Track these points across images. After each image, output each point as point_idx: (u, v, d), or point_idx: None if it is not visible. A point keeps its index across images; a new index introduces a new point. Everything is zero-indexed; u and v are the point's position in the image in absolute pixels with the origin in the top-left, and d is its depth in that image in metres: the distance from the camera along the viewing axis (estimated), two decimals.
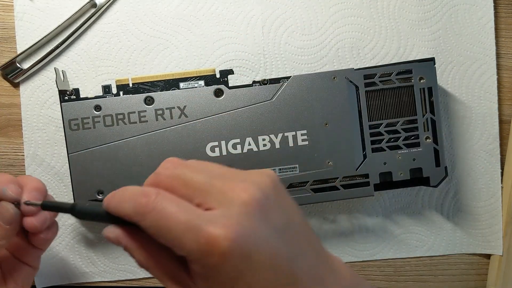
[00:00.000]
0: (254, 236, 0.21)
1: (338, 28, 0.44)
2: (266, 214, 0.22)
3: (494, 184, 0.45)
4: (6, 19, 0.43)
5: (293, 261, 0.22)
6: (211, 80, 0.40)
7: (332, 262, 0.25)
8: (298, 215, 0.25)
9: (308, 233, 0.25)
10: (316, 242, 0.25)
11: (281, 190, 0.24)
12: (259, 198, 0.22)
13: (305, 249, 0.24)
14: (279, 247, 0.22)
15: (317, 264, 0.24)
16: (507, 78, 0.45)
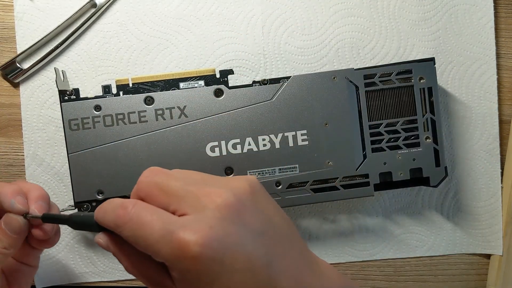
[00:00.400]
0: (227, 240, 0.22)
1: (338, 28, 0.44)
2: (241, 218, 0.23)
3: (494, 184, 0.45)
4: (6, 19, 0.43)
5: (272, 264, 0.23)
6: (211, 80, 0.40)
7: (317, 264, 0.25)
8: (280, 218, 0.25)
9: (291, 236, 0.25)
10: (300, 245, 0.25)
11: (260, 194, 0.25)
12: (233, 203, 0.23)
13: (287, 252, 0.24)
14: (256, 250, 0.22)
15: (299, 267, 0.24)
16: (507, 78, 0.45)
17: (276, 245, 0.23)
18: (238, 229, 0.22)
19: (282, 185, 0.39)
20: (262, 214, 0.24)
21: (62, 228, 0.43)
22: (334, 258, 0.45)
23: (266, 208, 0.25)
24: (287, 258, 0.23)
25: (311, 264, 0.25)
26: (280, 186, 0.39)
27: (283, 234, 0.24)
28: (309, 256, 0.25)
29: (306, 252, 0.25)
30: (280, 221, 0.25)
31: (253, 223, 0.23)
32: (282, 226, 0.25)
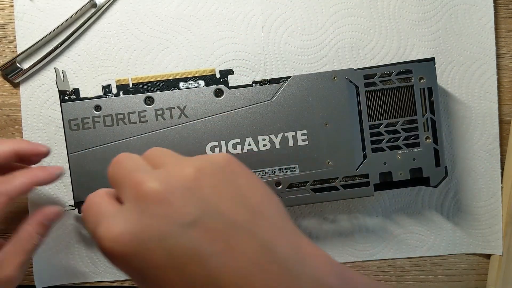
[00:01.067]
0: (143, 234, 0.20)
1: (338, 28, 0.44)
2: (166, 209, 0.20)
3: (494, 184, 0.45)
4: (6, 19, 0.43)
5: (210, 259, 0.20)
6: (211, 80, 0.40)
7: (297, 254, 0.22)
8: (230, 204, 0.21)
9: (254, 224, 0.21)
10: (267, 233, 0.22)
11: (206, 179, 0.22)
12: (159, 192, 0.21)
13: (240, 243, 0.21)
14: (182, 244, 0.20)
15: (257, 259, 0.21)
16: (507, 78, 0.45)
17: (219, 235, 0.20)
18: (159, 221, 0.20)
19: (282, 185, 0.39)
20: (200, 202, 0.21)
21: (62, 228, 0.43)
22: (334, 258, 0.44)
23: (214, 193, 0.21)
24: (237, 250, 0.20)
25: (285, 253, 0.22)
26: (280, 186, 0.39)
27: (232, 223, 0.21)
28: (280, 242, 0.22)
29: (274, 239, 0.22)
30: (227, 208, 0.21)
31: (184, 213, 0.20)
32: (231, 212, 0.21)
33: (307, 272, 0.21)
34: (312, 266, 0.21)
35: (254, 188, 0.23)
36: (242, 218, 0.21)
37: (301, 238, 0.23)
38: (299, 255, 0.21)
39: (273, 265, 0.20)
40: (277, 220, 0.22)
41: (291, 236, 0.22)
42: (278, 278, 0.20)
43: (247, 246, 0.21)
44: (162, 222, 0.20)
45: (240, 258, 0.20)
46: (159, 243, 0.20)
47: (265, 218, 0.22)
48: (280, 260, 0.21)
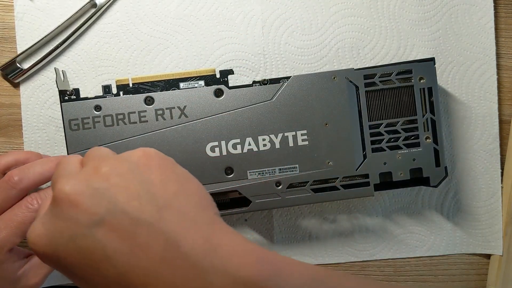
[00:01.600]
0: (56, 236, 0.21)
1: (338, 28, 0.44)
2: (72, 210, 0.21)
3: (494, 184, 0.45)
4: (6, 19, 0.43)
5: (115, 257, 0.21)
6: (211, 80, 0.40)
7: (212, 243, 0.22)
8: (136, 202, 0.22)
9: (160, 220, 0.21)
10: (175, 231, 0.21)
11: (116, 178, 0.22)
12: (66, 194, 0.21)
13: (142, 241, 0.21)
14: (90, 243, 0.21)
15: (160, 260, 0.21)
16: (507, 78, 0.45)
17: (125, 234, 0.21)
18: (69, 223, 0.21)
19: (282, 185, 0.39)
20: (107, 201, 0.21)
21: None
22: (334, 258, 0.45)
23: (138, 189, 0.22)
24: (143, 248, 0.21)
25: (193, 255, 0.21)
26: (280, 186, 0.39)
27: (146, 218, 0.21)
28: (190, 243, 0.22)
29: (182, 238, 0.21)
30: (134, 208, 0.21)
31: (90, 213, 0.21)
32: (137, 211, 0.21)
33: (217, 265, 0.21)
34: (224, 257, 0.21)
35: (168, 183, 0.23)
36: (148, 215, 0.21)
37: (216, 230, 0.22)
38: (210, 247, 0.21)
39: (179, 260, 0.21)
40: (191, 213, 0.22)
41: (204, 228, 0.22)
42: (184, 273, 0.20)
43: (153, 243, 0.21)
44: (72, 223, 0.21)
45: (146, 255, 0.21)
46: (71, 244, 0.21)
47: (173, 212, 0.22)
48: (186, 255, 0.21)
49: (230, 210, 0.39)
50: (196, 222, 0.22)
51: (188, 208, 0.22)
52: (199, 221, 0.22)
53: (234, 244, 0.22)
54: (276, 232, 0.44)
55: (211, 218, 0.23)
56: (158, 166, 0.23)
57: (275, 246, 0.44)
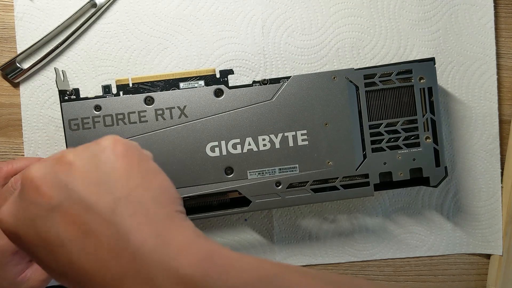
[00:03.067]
0: (18, 216, 0.22)
1: (338, 28, 0.44)
2: (36, 193, 0.22)
3: (494, 184, 0.45)
4: (6, 19, 0.43)
5: (66, 244, 0.21)
6: (211, 80, 0.40)
7: (163, 240, 0.21)
8: (94, 191, 0.22)
9: (114, 212, 0.21)
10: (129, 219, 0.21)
11: (79, 166, 0.22)
12: (32, 177, 0.22)
13: (93, 230, 0.21)
14: (47, 227, 0.22)
15: (111, 246, 0.21)
16: (507, 78, 0.45)
17: (77, 221, 0.21)
18: (30, 205, 0.22)
19: (282, 185, 0.39)
20: (66, 188, 0.22)
21: None
22: (334, 258, 0.45)
23: (98, 178, 0.22)
24: (93, 236, 0.21)
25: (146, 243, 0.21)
26: (280, 186, 0.39)
27: (101, 208, 0.21)
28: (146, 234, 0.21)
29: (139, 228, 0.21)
30: (89, 194, 0.22)
31: (49, 198, 0.22)
32: (89, 196, 0.22)
33: (163, 262, 0.21)
34: (171, 254, 0.21)
35: (131, 174, 0.23)
36: (103, 205, 0.21)
37: (172, 227, 0.22)
38: (160, 242, 0.21)
39: (127, 253, 0.21)
40: (149, 207, 0.22)
41: (158, 224, 0.22)
42: (131, 266, 0.21)
43: (104, 233, 0.21)
44: (33, 206, 0.22)
45: (95, 244, 0.21)
46: (31, 225, 0.22)
47: (130, 205, 0.22)
48: (135, 249, 0.21)
49: (230, 210, 0.39)
50: (151, 217, 0.22)
51: (146, 202, 0.22)
52: (155, 217, 0.22)
53: (186, 241, 0.22)
54: (276, 232, 0.44)
55: (169, 214, 0.23)
56: (125, 155, 0.23)
57: (275, 246, 0.44)
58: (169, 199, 0.23)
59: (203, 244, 0.22)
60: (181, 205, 0.24)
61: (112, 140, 0.24)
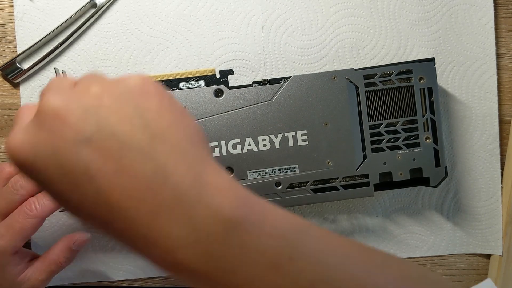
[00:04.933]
0: (37, 146, 0.21)
1: (338, 28, 0.44)
2: (60, 124, 0.21)
3: (494, 184, 0.45)
4: (6, 19, 0.43)
5: (98, 178, 0.20)
6: (211, 80, 0.40)
7: (201, 179, 0.21)
8: (128, 126, 0.21)
9: (151, 148, 0.21)
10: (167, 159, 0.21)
11: (109, 99, 0.22)
12: (56, 108, 0.21)
13: (129, 165, 0.20)
14: (72, 159, 0.20)
15: (148, 182, 0.20)
16: (507, 78, 0.45)
17: (112, 155, 0.20)
18: (53, 136, 0.21)
19: (282, 185, 0.39)
20: (97, 121, 0.21)
21: (62, 228, 0.43)
22: None
23: (131, 113, 0.21)
24: (128, 171, 0.20)
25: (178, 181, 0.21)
26: (280, 186, 0.39)
27: (136, 143, 0.21)
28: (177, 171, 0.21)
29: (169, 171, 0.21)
30: (124, 129, 0.21)
31: (78, 130, 0.20)
32: (127, 133, 0.21)
33: (203, 200, 0.21)
34: (210, 194, 0.21)
35: (163, 113, 0.22)
36: (139, 141, 0.21)
37: (208, 167, 0.22)
38: (198, 183, 0.21)
39: (166, 190, 0.20)
40: (183, 146, 0.22)
41: (196, 164, 0.21)
42: (169, 203, 0.20)
43: (140, 169, 0.20)
44: (56, 137, 0.21)
45: (130, 179, 0.20)
46: (52, 157, 0.21)
47: (166, 142, 0.21)
48: (174, 186, 0.20)
49: None
50: (187, 156, 0.21)
51: (182, 141, 0.22)
52: (191, 156, 0.22)
53: (224, 184, 0.22)
54: None
55: (204, 155, 0.22)
56: (156, 94, 0.23)
57: None
58: (201, 140, 0.23)
59: (240, 189, 0.22)
60: (209, 147, 0.24)
61: (141, 79, 0.23)
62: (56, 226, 0.43)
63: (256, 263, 0.21)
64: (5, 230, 0.34)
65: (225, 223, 0.20)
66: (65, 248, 0.37)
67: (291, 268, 0.21)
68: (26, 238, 0.35)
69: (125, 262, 0.44)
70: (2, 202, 0.35)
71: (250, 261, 0.21)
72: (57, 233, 0.43)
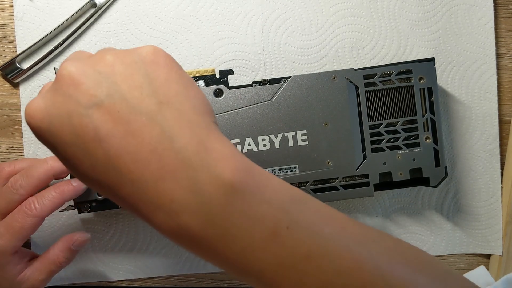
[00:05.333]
0: (52, 110, 0.22)
1: (338, 28, 0.44)
2: (74, 89, 0.22)
3: (494, 184, 0.45)
4: (6, 19, 0.43)
5: (108, 140, 0.21)
6: (211, 80, 0.40)
7: (204, 145, 0.22)
8: (137, 92, 0.22)
9: (158, 113, 0.22)
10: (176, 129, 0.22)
11: (121, 67, 0.23)
12: (71, 74, 0.22)
13: (137, 129, 0.21)
14: (85, 123, 0.21)
15: (154, 146, 0.21)
16: (507, 78, 0.45)
17: (121, 119, 0.21)
18: (67, 100, 0.22)
19: None
20: (109, 86, 0.22)
21: (62, 228, 0.43)
22: None
23: (141, 81, 0.22)
24: (136, 135, 0.21)
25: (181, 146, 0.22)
26: None
27: (145, 108, 0.22)
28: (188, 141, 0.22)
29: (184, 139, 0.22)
30: (141, 95, 0.22)
31: (91, 94, 0.21)
32: (142, 100, 0.22)
33: (205, 165, 0.21)
34: (213, 160, 0.21)
35: (171, 82, 0.23)
36: (147, 106, 0.22)
37: (212, 135, 0.23)
38: (202, 148, 0.22)
39: (171, 154, 0.21)
40: (189, 114, 0.23)
41: (200, 131, 0.22)
42: (173, 167, 0.21)
43: (147, 132, 0.21)
44: (70, 101, 0.22)
45: (137, 143, 0.21)
46: (66, 120, 0.22)
47: (173, 109, 0.22)
48: (179, 150, 0.21)
49: None
50: (193, 123, 0.22)
51: (187, 109, 0.23)
52: (196, 124, 0.23)
53: (226, 151, 0.22)
54: None
55: (209, 124, 0.23)
56: (165, 64, 0.24)
57: None
58: (207, 110, 0.24)
59: (242, 157, 0.23)
60: (215, 119, 0.25)
61: (153, 49, 0.24)
62: (56, 226, 0.43)
63: (254, 231, 0.22)
64: (5, 229, 0.34)
65: (227, 188, 0.21)
66: (65, 248, 0.37)
67: (289, 238, 0.22)
68: (26, 237, 0.35)
69: (125, 262, 0.44)
70: (1, 202, 0.36)
71: (249, 228, 0.22)
72: (57, 233, 0.43)
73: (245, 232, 0.21)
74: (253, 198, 0.22)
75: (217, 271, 0.44)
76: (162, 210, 0.21)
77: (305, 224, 0.22)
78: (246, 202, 0.22)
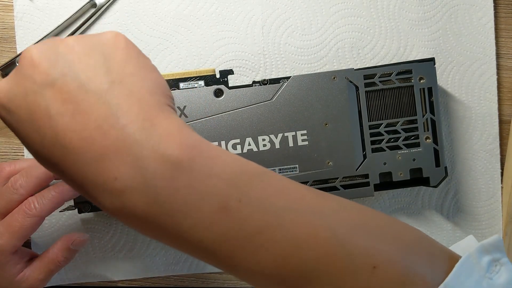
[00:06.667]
0: (13, 89, 0.23)
1: (338, 28, 0.44)
2: (33, 71, 0.22)
3: (494, 184, 0.45)
4: (6, 19, 0.43)
5: (56, 118, 0.21)
6: (211, 80, 0.40)
7: (151, 123, 0.22)
8: (91, 73, 0.22)
9: (108, 93, 0.22)
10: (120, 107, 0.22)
11: (79, 48, 0.23)
12: (34, 56, 0.22)
13: (85, 107, 0.21)
14: (38, 101, 0.22)
15: (99, 124, 0.21)
16: (507, 78, 0.45)
17: (71, 98, 0.22)
18: (25, 80, 0.22)
19: None
20: (63, 66, 0.22)
21: (62, 228, 0.43)
22: None
23: (97, 62, 0.23)
24: (84, 114, 0.21)
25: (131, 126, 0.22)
26: None
27: (95, 88, 0.22)
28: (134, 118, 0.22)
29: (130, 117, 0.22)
30: (87, 75, 0.22)
31: (46, 74, 0.22)
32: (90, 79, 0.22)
33: (150, 142, 0.21)
34: (158, 137, 0.21)
35: (128, 64, 0.23)
36: (98, 86, 0.22)
37: (160, 113, 0.22)
38: (148, 125, 0.22)
39: (114, 131, 0.21)
40: (141, 94, 0.23)
41: (149, 109, 0.22)
42: (117, 143, 0.21)
43: (94, 111, 0.21)
44: (28, 81, 0.22)
45: (84, 121, 0.21)
46: (23, 99, 0.22)
47: (124, 88, 0.22)
48: (123, 127, 0.21)
49: None
50: (142, 102, 0.22)
51: (140, 89, 0.23)
52: (146, 102, 0.22)
53: (173, 128, 0.22)
54: None
55: (160, 103, 0.23)
56: (125, 47, 0.24)
57: None
58: (162, 93, 0.24)
59: (190, 133, 0.23)
60: (173, 104, 0.25)
61: (115, 33, 0.24)
62: (56, 226, 0.43)
63: (203, 205, 0.21)
64: (5, 229, 0.35)
65: (172, 164, 0.21)
66: (64, 248, 0.37)
67: (240, 211, 0.22)
68: (26, 237, 0.35)
69: (125, 262, 0.44)
70: (1, 201, 0.36)
71: (198, 203, 0.21)
72: (56, 233, 0.43)
73: (193, 207, 0.21)
74: (200, 173, 0.21)
75: (217, 271, 0.44)
76: (107, 189, 0.21)
77: (257, 198, 0.22)
78: (192, 177, 0.21)
